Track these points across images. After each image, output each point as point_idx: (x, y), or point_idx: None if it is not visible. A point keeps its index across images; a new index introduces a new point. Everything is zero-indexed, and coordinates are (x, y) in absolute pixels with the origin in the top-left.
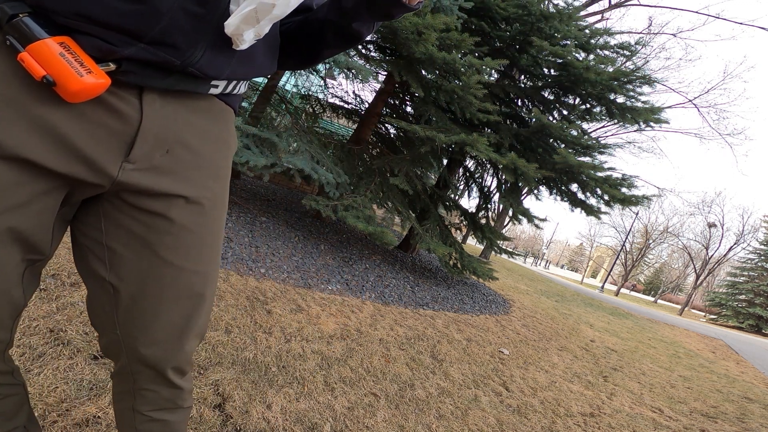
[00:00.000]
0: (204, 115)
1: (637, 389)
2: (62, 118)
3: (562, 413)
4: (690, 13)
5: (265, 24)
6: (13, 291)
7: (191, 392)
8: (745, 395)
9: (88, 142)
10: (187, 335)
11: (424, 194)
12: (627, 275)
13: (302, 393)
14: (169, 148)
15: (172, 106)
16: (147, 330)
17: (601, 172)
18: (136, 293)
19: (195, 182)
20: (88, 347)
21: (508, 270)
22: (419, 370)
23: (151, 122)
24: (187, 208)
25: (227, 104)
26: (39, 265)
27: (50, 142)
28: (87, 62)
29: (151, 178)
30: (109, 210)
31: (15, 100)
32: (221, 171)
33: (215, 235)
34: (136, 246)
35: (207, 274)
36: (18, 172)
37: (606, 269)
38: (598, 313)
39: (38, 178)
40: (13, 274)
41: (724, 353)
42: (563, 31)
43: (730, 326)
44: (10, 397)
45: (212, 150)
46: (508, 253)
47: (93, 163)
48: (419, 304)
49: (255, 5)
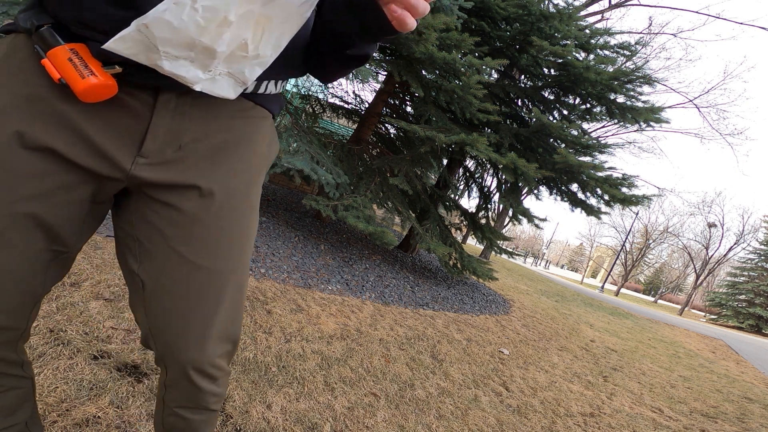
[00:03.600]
0: (224, 113)
1: (637, 389)
2: (81, 115)
3: (562, 413)
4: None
5: (267, 50)
6: (32, 279)
7: (219, 397)
8: (745, 395)
9: (104, 137)
10: (206, 337)
11: (424, 194)
12: (627, 275)
13: (302, 393)
14: (182, 144)
15: (189, 104)
16: (167, 327)
17: (602, 171)
18: (156, 288)
19: (209, 176)
20: (88, 347)
21: (508, 270)
22: (419, 370)
23: (162, 119)
24: (200, 201)
25: (257, 104)
26: (65, 258)
27: (72, 136)
28: (92, 65)
29: (163, 171)
30: (136, 204)
31: (43, 98)
32: (242, 168)
33: (235, 234)
34: (158, 239)
35: (223, 273)
36: (43, 161)
37: (606, 269)
38: (598, 313)
39: (62, 170)
40: (34, 260)
41: (724, 353)
42: (563, 31)
43: (730, 326)
44: (14, 390)
45: (231, 147)
46: (508, 253)
47: (108, 157)
48: (419, 304)
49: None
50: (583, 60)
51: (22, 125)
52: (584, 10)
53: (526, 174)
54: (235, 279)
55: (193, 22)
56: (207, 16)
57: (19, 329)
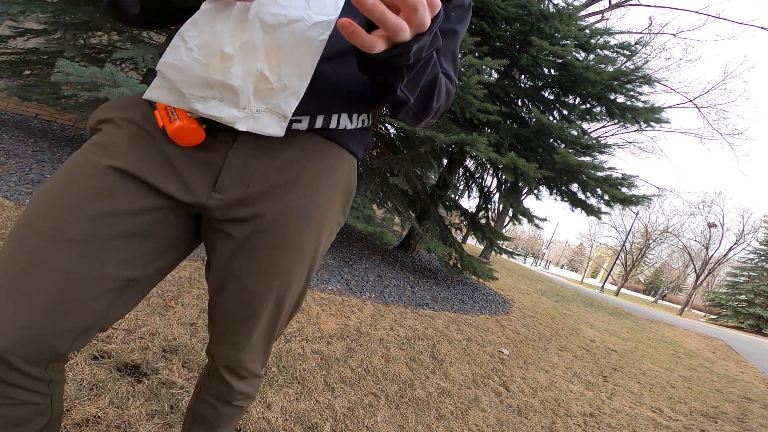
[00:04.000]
0: (294, 152)
1: (637, 389)
2: (175, 153)
3: (562, 413)
4: (690, 13)
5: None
6: (96, 302)
7: (246, 396)
8: (745, 395)
9: (189, 171)
10: (242, 345)
11: (424, 194)
12: (627, 275)
13: (302, 393)
14: (250, 183)
15: (262, 145)
16: (213, 328)
17: (601, 171)
18: (213, 296)
19: (268, 212)
20: (88, 347)
21: (508, 270)
22: (419, 370)
23: (236, 158)
24: (256, 233)
25: (331, 140)
26: (132, 289)
27: (163, 168)
28: (179, 113)
29: (231, 209)
30: (205, 225)
31: (152, 138)
32: (302, 206)
33: (282, 267)
34: (218, 259)
35: (267, 297)
36: (135, 186)
37: (606, 269)
38: (598, 313)
39: (149, 194)
40: (104, 280)
41: (724, 353)
42: (563, 31)
43: (730, 326)
44: (28, 406)
45: (294, 185)
46: (508, 253)
47: (189, 189)
48: (419, 304)
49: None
50: (583, 60)
51: (127, 158)
52: (584, 10)
53: (526, 174)
54: (278, 303)
55: (194, 60)
56: (204, 53)
57: (58, 353)
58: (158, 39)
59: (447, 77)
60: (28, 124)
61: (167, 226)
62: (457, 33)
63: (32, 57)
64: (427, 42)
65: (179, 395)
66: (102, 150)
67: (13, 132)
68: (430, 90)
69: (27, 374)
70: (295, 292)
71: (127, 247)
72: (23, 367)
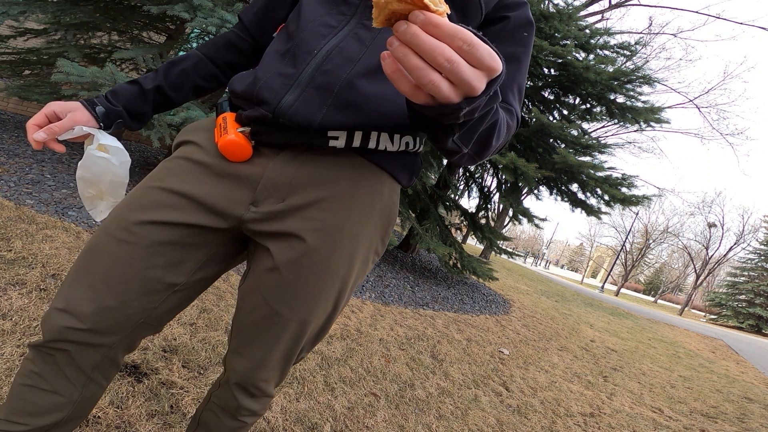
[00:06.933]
0: (333, 171)
1: (637, 389)
2: (224, 169)
3: (562, 413)
4: (690, 13)
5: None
6: (144, 299)
7: (253, 413)
8: (745, 395)
9: (233, 185)
10: (257, 363)
11: (424, 194)
12: (627, 275)
13: (302, 393)
14: (285, 197)
15: (300, 160)
16: (232, 340)
17: (601, 171)
18: (238, 306)
19: (299, 231)
20: None
21: (508, 270)
22: (419, 370)
23: (273, 172)
24: (286, 252)
25: (370, 161)
26: (178, 294)
27: (212, 186)
28: (230, 127)
29: (265, 223)
30: (251, 243)
31: (209, 154)
32: (334, 226)
33: (311, 289)
34: (250, 271)
35: (291, 320)
36: (180, 199)
37: (606, 269)
38: (598, 313)
39: (197, 211)
40: (146, 282)
41: (724, 353)
42: (563, 31)
43: (730, 326)
44: (52, 395)
45: (329, 204)
46: (508, 254)
47: (232, 205)
48: (419, 304)
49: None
50: (583, 60)
51: (186, 180)
52: (584, 10)
53: (526, 174)
54: (301, 326)
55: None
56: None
57: (105, 345)
58: (158, 39)
59: (508, 112)
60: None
61: (210, 239)
62: (521, 60)
63: (32, 57)
64: (482, 103)
65: (179, 395)
66: (167, 171)
67: (13, 132)
68: (488, 136)
69: (72, 363)
70: (320, 317)
71: (170, 254)
72: (76, 350)
